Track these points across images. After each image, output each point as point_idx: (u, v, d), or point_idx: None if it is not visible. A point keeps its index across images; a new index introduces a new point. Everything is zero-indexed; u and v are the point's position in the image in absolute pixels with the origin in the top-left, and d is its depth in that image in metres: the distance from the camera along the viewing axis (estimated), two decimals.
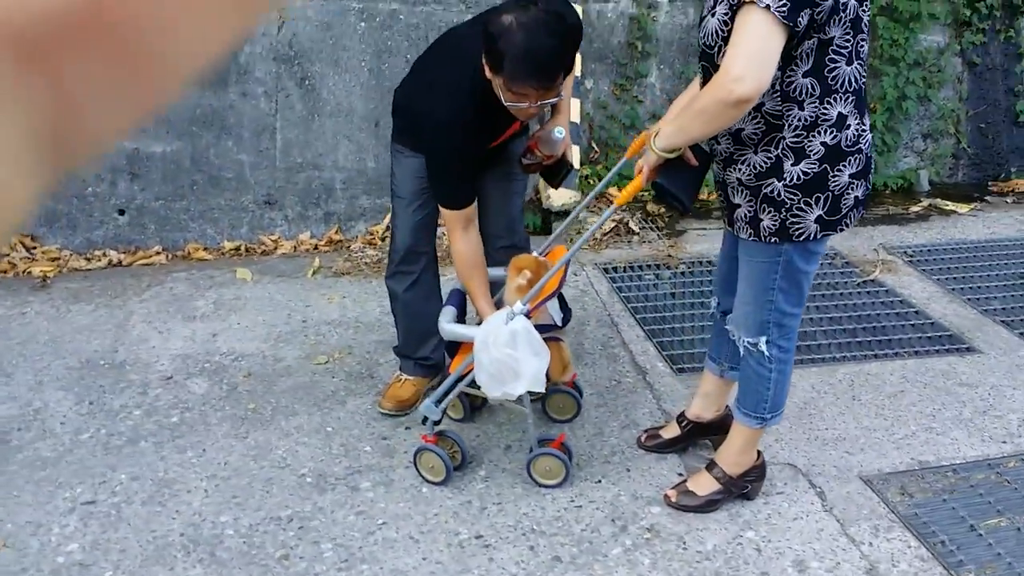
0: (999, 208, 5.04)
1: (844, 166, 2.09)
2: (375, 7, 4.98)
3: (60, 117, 0.26)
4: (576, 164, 2.79)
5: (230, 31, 0.28)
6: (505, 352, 2.38)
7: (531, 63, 2.20)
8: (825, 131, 2.06)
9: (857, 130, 2.09)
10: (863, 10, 1.99)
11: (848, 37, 1.98)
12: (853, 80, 2.04)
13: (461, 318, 2.71)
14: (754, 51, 1.88)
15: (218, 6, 0.28)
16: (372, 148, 5.05)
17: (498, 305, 2.79)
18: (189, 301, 3.95)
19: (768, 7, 1.84)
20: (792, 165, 2.09)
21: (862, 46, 2.03)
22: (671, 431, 2.74)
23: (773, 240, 2.16)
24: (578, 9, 3.99)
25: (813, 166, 2.08)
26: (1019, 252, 4.38)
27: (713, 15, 2.03)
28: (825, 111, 2.04)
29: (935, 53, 5.27)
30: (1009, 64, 5.37)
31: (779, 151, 2.09)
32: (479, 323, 2.80)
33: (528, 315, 2.44)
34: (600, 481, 2.65)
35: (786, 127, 2.06)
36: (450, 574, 2.31)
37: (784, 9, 1.84)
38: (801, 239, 2.14)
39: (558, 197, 4.80)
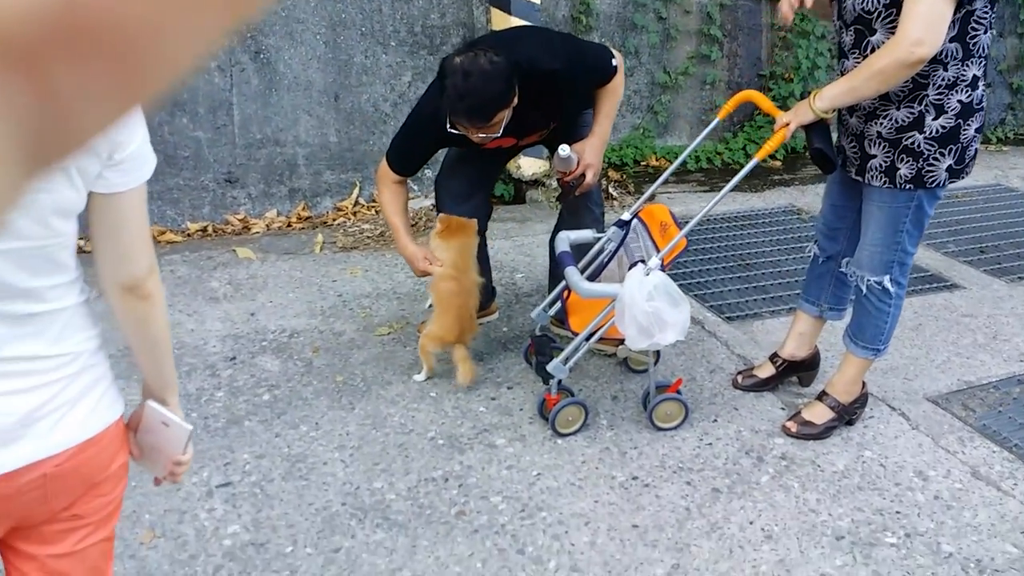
0: None
1: (972, 121, 2.40)
2: None
3: (44, 115, 0.26)
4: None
5: (217, 29, 0.28)
6: (651, 305, 2.54)
7: (461, 107, 2.55)
8: (961, 90, 2.35)
9: (983, 90, 2.40)
10: None
11: (987, 9, 2.27)
12: (986, 47, 2.34)
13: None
14: (932, 17, 2.14)
15: (205, 4, 0.27)
16: (333, 122, 4.98)
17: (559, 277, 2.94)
18: (201, 283, 3.81)
19: None
20: (932, 120, 2.37)
21: (995, 17, 2.33)
22: (766, 370, 2.99)
23: (908, 187, 2.44)
24: None
25: (950, 121, 2.37)
26: (947, 201, 4.97)
27: None
28: (963, 73, 2.33)
29: None
30: None
31: (922, 107, 2.36)
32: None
33: (663, 268, 2.61)
34: (716, 420, 2.86)
35: (930, 86, 2.34)
36: (627, 512, 2.45)
37: None
38: (933, 186, 2.44)
39: (527, 167, 4.97)
